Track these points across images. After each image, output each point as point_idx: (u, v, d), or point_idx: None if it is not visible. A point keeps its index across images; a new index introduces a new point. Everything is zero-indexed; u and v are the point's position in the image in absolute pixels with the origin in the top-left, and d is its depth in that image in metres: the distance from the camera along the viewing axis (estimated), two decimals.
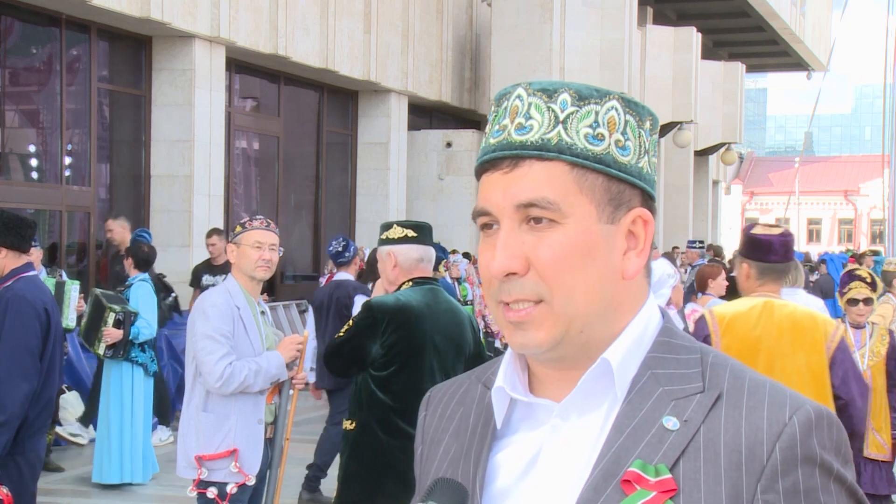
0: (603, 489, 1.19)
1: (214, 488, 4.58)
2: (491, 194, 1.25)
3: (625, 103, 1.26)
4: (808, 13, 32.97)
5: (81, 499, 7.96)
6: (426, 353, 4.34)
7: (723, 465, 1.18)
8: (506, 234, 1.23)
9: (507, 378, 1.30)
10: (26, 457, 4.38)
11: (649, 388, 1.24)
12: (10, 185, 11.68)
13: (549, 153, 1.23)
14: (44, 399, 4.44)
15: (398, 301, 4.35)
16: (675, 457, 1.19)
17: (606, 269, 1.24)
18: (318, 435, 8.23)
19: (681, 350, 1.27)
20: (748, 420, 1.19)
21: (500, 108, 1.29)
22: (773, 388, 1.23)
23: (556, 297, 1.22)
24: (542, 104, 1.25)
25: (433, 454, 1.40)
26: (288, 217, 16.65)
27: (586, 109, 1.24)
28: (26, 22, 11.98)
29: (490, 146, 1.28)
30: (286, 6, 14.19)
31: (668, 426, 1.20)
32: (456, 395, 1.42)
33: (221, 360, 4.51)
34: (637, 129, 1.27)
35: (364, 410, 4.38)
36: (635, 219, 1.27)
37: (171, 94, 12.82)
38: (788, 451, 1.17)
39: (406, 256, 4.45)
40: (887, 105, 24.48)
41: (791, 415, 1.19)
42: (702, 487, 1.17)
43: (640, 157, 1.27)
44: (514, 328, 1.24)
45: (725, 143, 27.56)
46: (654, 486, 1.17)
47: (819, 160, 60.60)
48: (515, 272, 1.22)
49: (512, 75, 17.45)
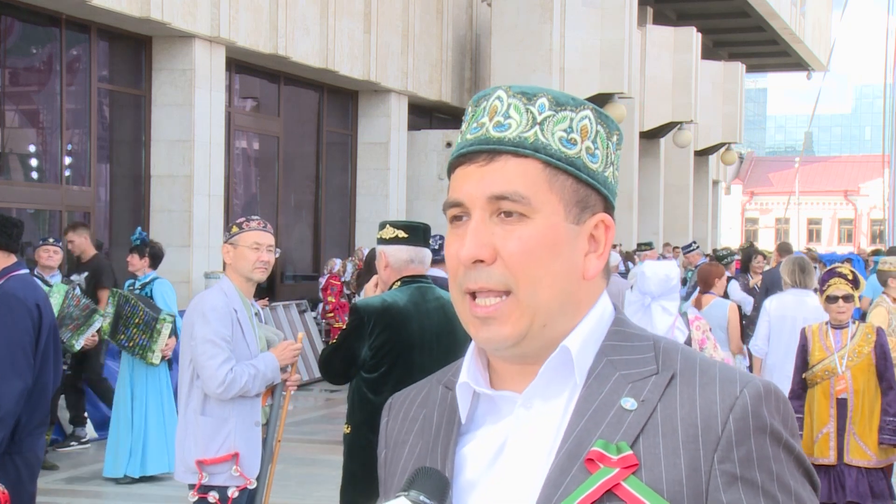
0: (568, 469, 1.24)
1: (215, 492, 4.53)
2: (464, 186, 1.31)
3: (597, 115, 1.34)
4: (808, 13, 32.97)
5: (81, 498, 7.97)
6: (414, 352, 4.34)
7: (680, 438, 1.23)
8: (476, 223, 1.29)
9: (470, 374, 1.34)
10: (24, 456, 4.37)
11: (606, 373, 1.29)
12: (10, 185, 11.68)
13: (525, 150, 1.29)
14: (39, 397, 4.42)
15: (384, 302, 4.36)
16: (635, 434, 1.24)
17: (569, 266, 1.30)
18: (319, 435, 8.25)
19: (634, 338, 1.33)
20: (702, 395, 1.25)
21: (479, 108, 1.34)
22: (723, 366, 1.30)
23: (521, 287, 1.27)
24: (522, 106, 1.31)
25: (398, 456, 1.43)
26: (288, 217, 16.66)
27: (562, 115, 1.31)
28: (26, 22, 11.98)
29: (467, 141, 1.33)
30: (286, 6, 14.19)
31: (626, 407, 1.26)
32: (417, 399, 1.46)
33: (223, 365, 4.46)
34: (606, 140, 1.34)
35: (357, 413, 4.40)
36: (598, 223, 1.33)
37: (171, 94, 12.82)
38: (741, 422, 1.23)
39: (396, 257, 4.46)
40: (887, 105, 24.49)
41: (742, 388, 1.25)
42: (661, 461, 1.23)
43: (606, 166, 1.34)
44: (480, 323, 1.29)
45: (725, 143, 27.58)
46: (617, 462, 1.22)
47: (819, 160, 60.59)
48: (483, 260, 1.27)
49: (512, 75, 17.46)
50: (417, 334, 4.36)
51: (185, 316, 4.65)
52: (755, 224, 54.54)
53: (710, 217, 29.49)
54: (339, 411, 11.42)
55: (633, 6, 18.77)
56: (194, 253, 12.76)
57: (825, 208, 53.82)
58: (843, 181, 53.71)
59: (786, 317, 7.62)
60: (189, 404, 4.58)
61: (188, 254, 12.74)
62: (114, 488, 8.13)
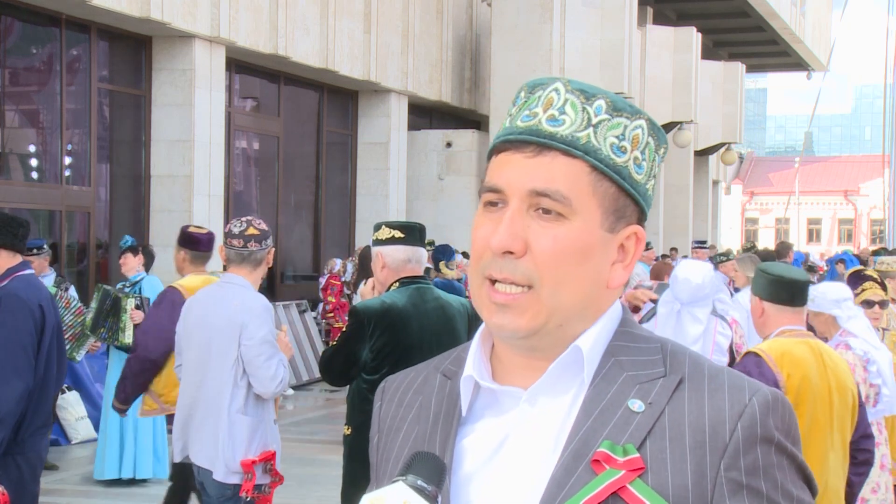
0: (573, 469, 1.24)
1: (256, 490, 4.64)
2: (508, 173, 1.28)
3: (650, 125, 1.33)
4: (808, 13, 32.97)
5: (81, 498, 7.97)
6: (414, 353, 4.33)
7: (688, 443, 1.23)
8: (513, 213, 1.27)
9: (475, 367, 1.33)
10: (26, 456, 4.37)
11: (614, 373, 1.29)
12: (10, 185, 11.68)
13: (576, 150, 1.27)
14: (42, 398, 4.43)
15: (383, 303, 4.36)
16: (642, 437, 1.24)
17: (596, 273, 1.30)
18: (319, 435, 8.24)
19: (641, 339, 1.33)
20: (710, 402, 1.25)
21: (534, 96, 1.31)
22: (731, 373, 1.30)
23: (545, 285, 1.26)
24: (579, 104, 1.29)
25: (392, 442, 1.42)
26: (288, 217, 16.66)
27: (617, 121, 1.29)
28: (26, 22, 11.98)
29: (517, 128, 1.30)
30: (286, 6, 14.19)
31: (633, 408, 1.25)
32: (413, 385, 1.44)
33: (279, 364, 4.62)
34: (654, 152, 1.34)
35: (358, 414, 4.41)
36: (631, 234, 1.32)
37: (171, 94, 12.82)
38: (749, 430, 1.23)
39: (393, 257, 4.45)
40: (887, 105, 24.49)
41: (751, 396, 1.25)
42: (668, 466, 1.22)
43: (649, 178, 1.33)
44: (497, 308, 1.28)
45: (725, 143, 27.56)
46: (623, 465, 1.22)
47: (819, 160, 60.58)
48: (513, 252, 1.26)
49: (512, 75, 17.46)
50: (417, 335, 4.36)
51: (226, 315, 4.63)
52: (755, 224, 54.53)
53: (710, 217, 29.48)
54: (339, 411, 11.43)
55: (633, 6, 18.77)
56: None
57: (825, 208, 53.81)
58: (843, 181, 53.70)
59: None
60: (233, 405, 4.61)
61: None
62: (113, 489, 8.13)
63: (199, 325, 4.74)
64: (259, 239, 4.71)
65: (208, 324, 4.69)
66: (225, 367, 4.61)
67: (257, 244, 4.70)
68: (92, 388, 10.03)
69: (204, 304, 4.78)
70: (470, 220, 18.32)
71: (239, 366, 4.59)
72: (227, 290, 4.72)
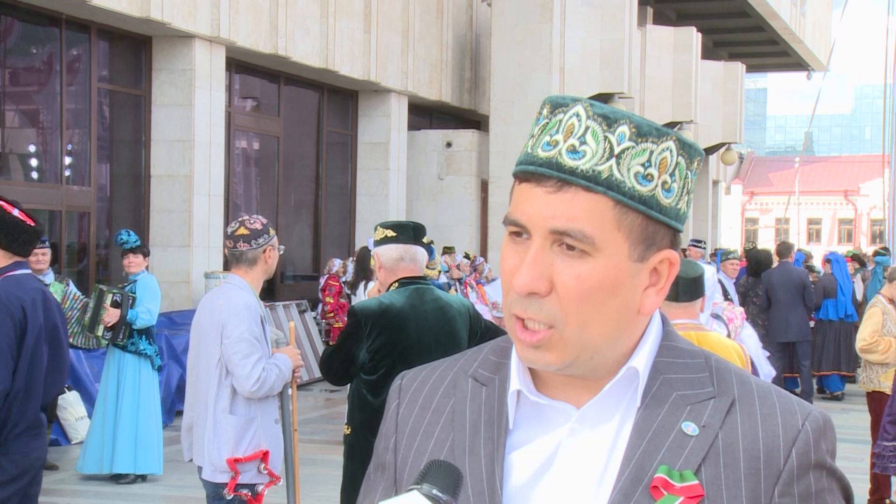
0: (632, 494, 1.23)
1: (247, 490, 4.64)
2: (529, 208, 1.24)
3: (680, 145, 1.26)
4: (808, 13, 32.97)
5: (81, 499, 7.97)
6: (412, 354, 4.34)
7: (742, 469, 1.23)
8: (536, 252, 1.23)
9: (522, 381, 1.30)
10: (12, 458, 4.24)
11: (663, 393, 1.27)
12: (10, 185, 11.67)
13: (598, 187, 1.22)
14: (28, 399, 4.29)
15: (381, 304, 4.38)
16: (698, 462, 1.23)
17: (626, 304, 1.25)
18: (319, 435, 8.24)
19: (685, 354, 1.31)
20: (764, 426, 1.25)
21: (554, 119, 1.26)
22: (779, 394, 1.29)
23: (569, 325, 1.22)
24: (600, 131, 1.22)
25: (422, 445, 1.37)
26: (288, 217, 16.66)
27: (642, 147, 1.23)
28: (26, 22, 11.98)
29: (538, 159, 1.25)
30: (286, 6, 14.19)
31: (687, 431, 1.25)
32: (440, 387, 1.40)
33: (257, 364, 4.57)
34: (685, 170, 1.27)
35: (357, 415, 4.42)
36: (663, 259, 1.27)
37: (171, 94, 12.82)
38: (804, 457, 1.24)
39: (387, 256, 4.48)
40: (887, 105, 24.48)
41: (804, 421, 1.26)
42: (724, 492, 1.22)
43: (681, 198, 1.27)
44: (525, 346, 1.25)
45: (725, 143, 27.55)
46: (681, 491, 1.21)
47: (819, 160, 60.57)
48: (538, 293, 1.22)
49: (512, 75, 17.46)
50: (415, 336, 4.37)
51: (211, 315, 4.67)
52: (755, 224, 54.52)
53: (710, 217, 29.48)
54: (339, 411, 11.43)
55: (633, 6, 18.76)
56: (194, 253, 12.76)
57: (825, 208, 53.79)
58: (843, 181, 53.68)
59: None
60: (217, 404, 4.63)
61: (188, 254, 12.75)
62: (113, 488, 8.13)
63: (195, 326, 4.83)
64: (249, 238, 4.72)
65: (199, 324, 4.77)
66: (210, 366, 4.66)
67: (246, 244, 4.71)
68: (92, 387, 10.03)
69: (201, 306, 4.86)
70: (470, 220, 18.34)
71: (223, 365, 4.63)
72: (220, 290, 4.80)
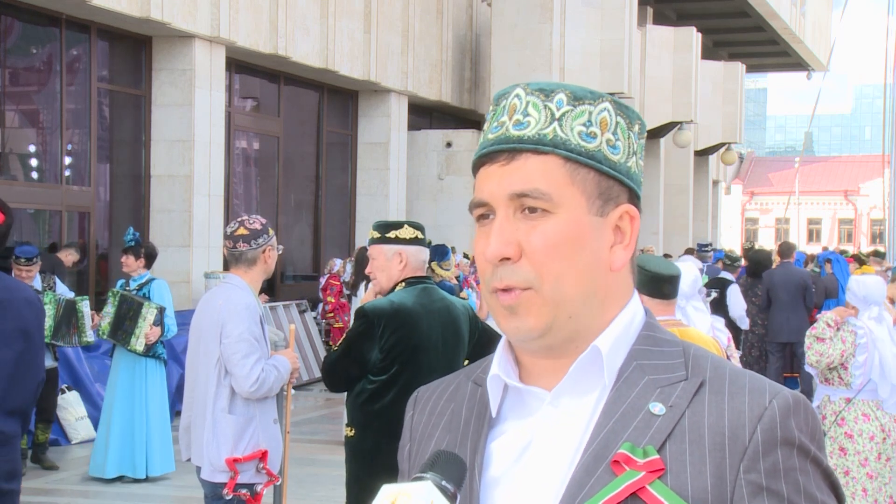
0: (594, 470, 1.24)
1: (245, 489, 4.64)
2: (487, 185, 1.32)
3: (616, 106, 1.33)
4: (808, 13, 32.97)
5: (81, 499, 7.96)
6: (422, 354, 4.34)
7: (707, 446, 1.24)
8: (501, 221, 1.29)
9: (501, 367, 1.35)
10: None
11: (635, 377, 1.30)
12: (10, 185, 11.68)
13: (545, 147, 1.29)
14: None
15: (392, 303, 4.36)
16: (662, 439, 1.24)
17: (594, 258, 1.30)
18: (319, 435, 8.24)
19: (664, 343, 1.33)
20: (730, 404, 1.26)
21: (499, 107, 1.35)
22: (752, 376, 1.30)
23: (544, 283, 1.28)
24: (540, 103, 1.31)
25: (424, 449, 1.43)
26: (288, 217, 16.66)
27: (580, 109, 1.31)
28: (26, 22, 11.98)
29: (488, 141, 1.33)
30: (286, 6, 14.19)
31: (654, 411, 1.26)
32: (445, 393, 1.46)
33: (256, 364, 4.57)
34: (627, 130, 1.34)
35: (360, 416, 4.40)
36: (622, 214, 1.33)
37: (171, 94, 12.82)
38: (769, 433, 1.23)
39: (416, 258, 4.47)
40: (887, 105, 24.48)
41: (771, 399, 1.25)
42: (688, 468, 1.23)
43: (628, 157, 1.34)
44: (508, 313, 1.29)
45: (725, 143, 27.56)
46: (643, 466, 1.22)
47: (819, 160, 60.57)
48: (509, 257, 1.28)
49: (512, 75, 17.45)
50: (426, 335, 4.37)
51: (211, 315, 4.67)
52: (755, 224, 54.53)
53: (710, 217, 29.48)
54: (339, 411, 11.42)
55: (633, 6, 18.76)
56: (194, 253, 12.76)
57: (825, 208, 53.80)
58: (843, 181, 53.69)
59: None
60: (216, 403, 4.64)
61: (188, 254, 12.74)
62: (114, 488, 8.13)
63: (193, 326, 4.83)
64: (248, 238, 4.71)
65: (198, 324, 4.77)
66: (210, 366, 4.66)
67: (246, 244, 4.70)
68: (92, 387, 10.03)
69: (200, 306, 4.86)
70: (470, 220, 18.28)
71: (222, 364, 4.63)
72: (219, 290, 4.79)
